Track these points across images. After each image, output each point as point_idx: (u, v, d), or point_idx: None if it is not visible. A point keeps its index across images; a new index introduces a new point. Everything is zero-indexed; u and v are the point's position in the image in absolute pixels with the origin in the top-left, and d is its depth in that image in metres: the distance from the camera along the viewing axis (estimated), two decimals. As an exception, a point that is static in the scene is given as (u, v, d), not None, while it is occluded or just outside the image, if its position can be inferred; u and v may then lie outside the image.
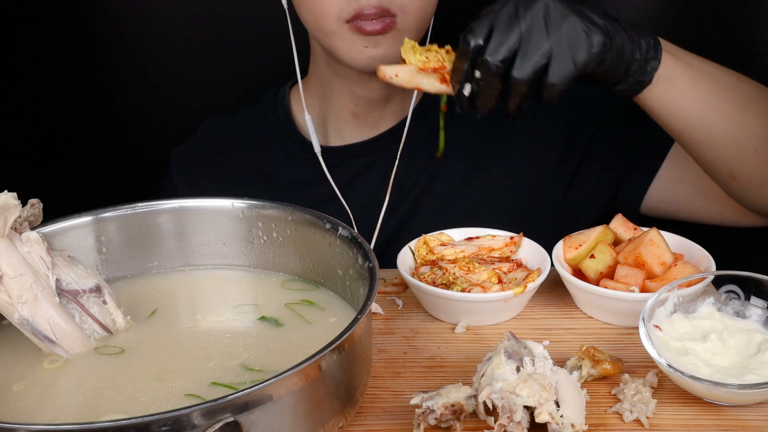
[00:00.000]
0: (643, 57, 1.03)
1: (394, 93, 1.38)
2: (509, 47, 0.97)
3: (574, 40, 0.97)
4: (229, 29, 1.72)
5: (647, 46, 1.03)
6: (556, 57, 0.97)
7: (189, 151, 1.52)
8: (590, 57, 0.98)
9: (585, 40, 0.97)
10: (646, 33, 1.04)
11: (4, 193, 0.90)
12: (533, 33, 0.97)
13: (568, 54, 0.97)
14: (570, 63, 0.97)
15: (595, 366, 0.92)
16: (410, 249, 1.13)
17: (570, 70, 0.97)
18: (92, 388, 0.87)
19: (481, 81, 0.99)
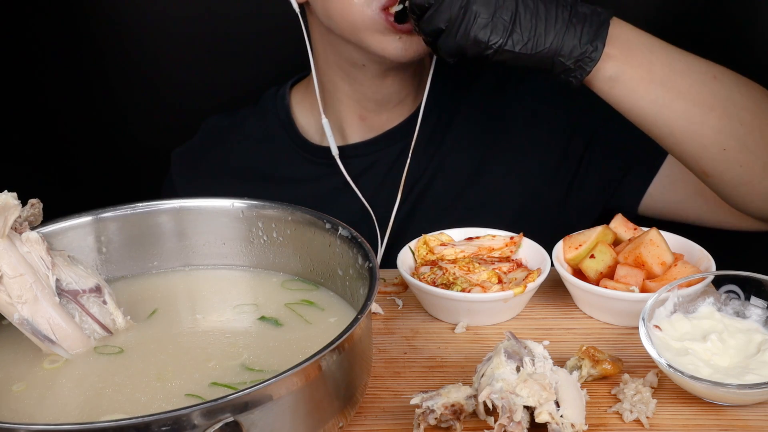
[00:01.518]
0: (577, 55, 1.04)
1: (404, 95, 1.37)
2: None
3: (463, 24, 1.02)
4: (229, 30, 1.73)
5: (584, 46, 1.03)
6: (447, 30, 1.03)
7: (189, 151, 1.52)
8: (469, 47, 1.03)
9: (470, 31, 1.02)
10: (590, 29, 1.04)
11: (4, 193, 0.90)
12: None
13: (454, 33, 1.03)
14: (452, 40, 1.03)
15: (595, 366, 0.92)
16: (410, 249, 1.13)
17: (450, 46, 1.04)
18: (92, 388, 0.87)
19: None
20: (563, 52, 1.04)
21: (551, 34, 1.03)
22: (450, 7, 1.02)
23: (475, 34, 1.02)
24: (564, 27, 1.03)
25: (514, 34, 1.03)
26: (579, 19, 1.04)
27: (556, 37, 1.03)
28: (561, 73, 1.06)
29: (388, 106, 1.38)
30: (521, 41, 1.03)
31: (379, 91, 1.35)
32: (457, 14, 1.02)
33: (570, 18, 1.04)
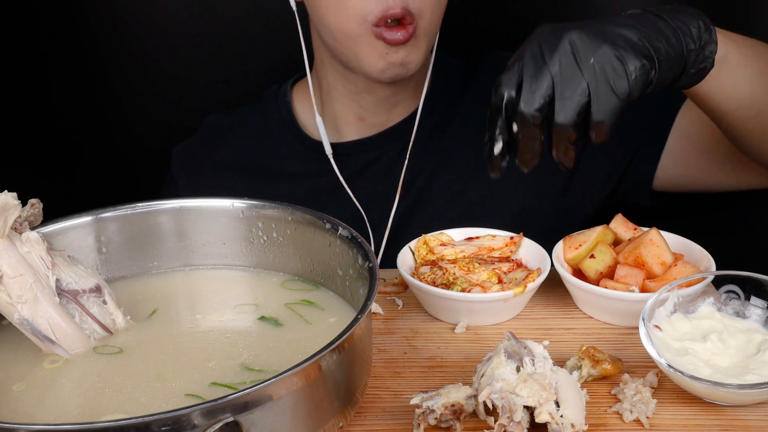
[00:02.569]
0: (698, 45, 0.96)
1: (402, 98, 1.38)
2: (542, 93, 0.90)
3: (610, 70, 0.90)
4: (231, 29, 1.72)
5: (698, 31, 0.97)
6: (596, 92, 0.90)
7: (190, 148, 1.52)
8: (632, 84, 0.91)
9: (621, 68, 0.90)
10: (693, 14, 0.98)
11: (4, 193, 0.90)
12: (565, 73, 0.90)
13: (607, 87, 0.90)
14: (612, 95, 0.90)
15: (595, 366, 0.92)
16: (410, 249, 1.13)
17: (614, 102, 0.90)
18: (92, 388, 0.87)
19: (520, 134, 0.92)
20: (689, 47, 0.96)
21: (673, 38, 0.95)
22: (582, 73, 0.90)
23: (631, 66, 0.91)
24: (676, 26, 0.96)
25: (654, 44, 0.93)
26: (681, 13, 0.98)
27: (678, 38, 0.95)
28: (690, 67, 0.97)
29: (386, 106, 1.38)
30: (664, 53, 0.94)
31: (375, 94, 1.36)
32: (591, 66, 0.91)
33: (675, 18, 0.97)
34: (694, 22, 0.96)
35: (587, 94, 0.90)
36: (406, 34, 1.21)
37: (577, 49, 0.91)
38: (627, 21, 0.95)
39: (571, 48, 0.91)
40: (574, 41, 0.91)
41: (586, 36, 0.91)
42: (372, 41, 1.23)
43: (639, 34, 0.93)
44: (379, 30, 1.21)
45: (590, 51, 0.90)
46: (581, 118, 0.91)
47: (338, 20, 1.24)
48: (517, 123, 0.93)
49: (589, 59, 0.90)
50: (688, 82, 0.99)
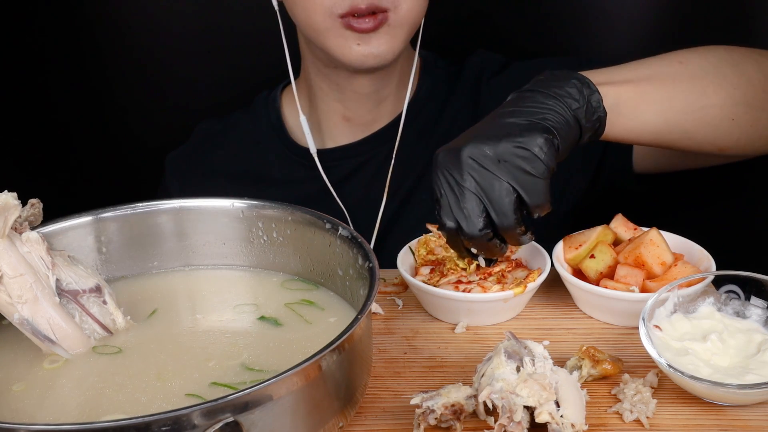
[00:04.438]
0: (582, 102, 0.99)
1: (385, 95, 1.38)
2: (477, 213, 0.95)
3: (520, 161, 0.94)
4: (230, 30, 1.72)
5: (576, 88, 0.99)
6: (521, 185, 0.94)
7: (182, 156, 1.53)
8: (545, 161, 0.94)
9: (528, 154, 0.94)
10: (566, 77, 1.00)
11: (4, 193, 0.90)
12: (483, 185, 0.94)
13: (526, 175, 0.94)
14: (534, 179, 0.94)
15: (595, 366, 0.92)
16: (410, 249, 1.13)
17: (540, 184, 0.94)
18: (92, 388, 0.87)
19: (481, 251, 0.99)
20: (571, 105, 0.99)
21: (554, 106, 0.98)
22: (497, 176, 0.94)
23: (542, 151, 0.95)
24: (552, 97, 0.99)
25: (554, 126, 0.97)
26: (557, 78, 1.01)
27: (558, 105, 0.99)
28: (588, 119, 1.00)
29: (369, 105, 1.38)
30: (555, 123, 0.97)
31: (355, 90, 1.36)
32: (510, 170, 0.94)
33: (553, 85, 1.00)
34: (569, 83, 1.00)
35: (513, 191, 0.94)
36: (375, 21, 1.22)
37: (480, 160, 0.94)
38: (511, 108, 0.98)
39: (475, 161, 0.95)
40: (474, 154, 0.95)
41: (482, 143, 0.95)
42: (341, 32, 1.23)
43: (525, 116, 0.97)
44: (346, 20, 1.22)
45: (493, 155, 0.94)
46: (520, 211, 0.96)
47: (306, 16, 1.25)
48: (474, 246, 0.99)
49: (496, 162, 0.94)
50: (591, 135, 1.02)
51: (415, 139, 1.38)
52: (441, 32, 1.43)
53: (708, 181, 1.38)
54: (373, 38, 1.23)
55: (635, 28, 1.57)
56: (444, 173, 0.97)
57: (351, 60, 1.25)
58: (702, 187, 1.44)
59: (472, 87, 1.42)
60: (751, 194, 1.46)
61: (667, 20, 1.56)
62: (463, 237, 0.97)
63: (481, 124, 0.99)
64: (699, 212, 1.50)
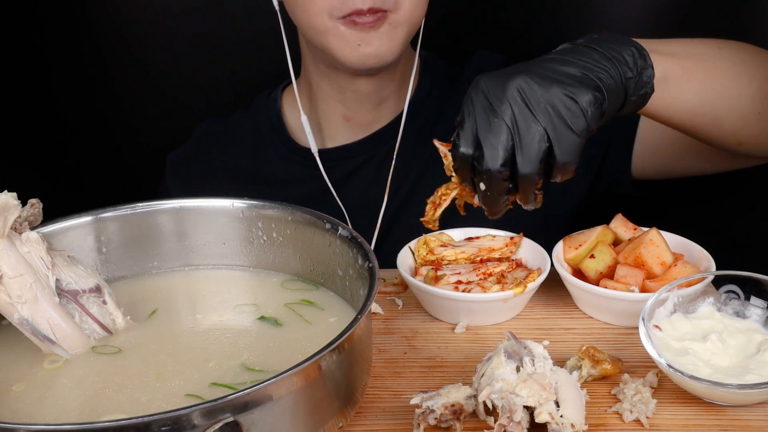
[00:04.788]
0: (635, 72, 0.96)
1: (386, 95, 1.38)
2: (504, 147, 0.89)
3: (565, 111, 0.89)
4: (231, 30, 1.73)
5: (633, 58, 0.96)
6: (556, 136, 0.89)
7: (183, 156, 1.53)
8: (589, 120, 0.90)
9: (575, 106, 0.89)
10: (624, 42, 0.97)
11: (4, 193, 0.90)
12: (520, 121, 0.89)
13: (566, 128, 0.89)
14: (572, 135, 0.89)
15: (595, 366, 0.92)
16: (410, 249, 1.13)
17: (575, 142, 0.89)
18: (92, 388, 0.87)
19: (488, 191, 0.92)
20: (626, 75, 0.95)
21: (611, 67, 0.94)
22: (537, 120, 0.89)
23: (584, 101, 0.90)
24: (611, 55, 0.95)
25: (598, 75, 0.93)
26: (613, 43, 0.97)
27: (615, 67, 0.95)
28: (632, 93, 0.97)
29: (369, 105, 1.38)
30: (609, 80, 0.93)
31: (356, 90, 1.36)
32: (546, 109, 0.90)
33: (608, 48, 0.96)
34: (627, 50, 0.96)
35: (547, 139, 0.89)
36: (375, 17, 1.21)
37: (526, 95, 0.89)
38: (565, 57, 0.93)
39: (520, 95, 0.89)
40: (522, 87, 0.90)
41: (532, 80, 0.90)
42: (342, 32, 1.23)
43: (581, 69, 0.92)
44: (347, 19, 1.21)
45: (540, 94, 0.89)
46: (545, 164, 0.90)
47: (306, 17, 1.25)
48: (484, 182, 0.92)
49: (540, 103, 0.89)
50: (632, 108, 0.99)
51: (415, 138, 1.38)
52: (441, 32, 1.43)
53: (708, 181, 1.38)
54: (374, 38, 1.23)
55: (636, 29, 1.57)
56: (482, 96, 0.91)
57: (351, 61, 1.25)
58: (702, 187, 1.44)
59: None
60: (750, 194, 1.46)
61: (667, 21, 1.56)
62: (478, 168, 0.91)
63: (535, 64, 0.93)
64: (699, 212, 1.50)
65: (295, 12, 1.28)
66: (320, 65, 1.35)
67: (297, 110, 1.42)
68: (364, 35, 1.23)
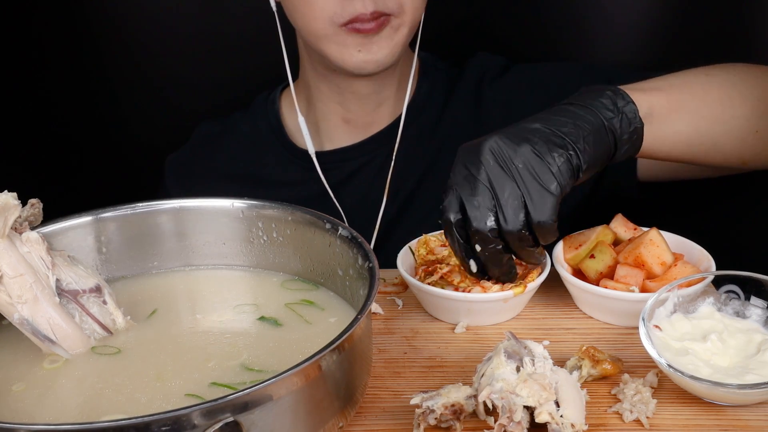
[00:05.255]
0: (616, 111, 0.98)
1: (385, 97, 1.38)
2: (488, 206, 0.93)
3: (535, 172, 0.92)
4: (231, 30, 1.73)
5: (611, 99, 0.99)
6: (527, 192, 0.92)
7: (182, 158, 1.53)
8: (559, 177, 0.93)
9: (546, 168, 0.92)
10: (599, 89, 1.00)
11: (4, 193, 0.90)
12: (494, 182, 0.92)
13: (537, 185, 0.92)
14: (544, 192, 0.92)
15: (595, 366, 0.92)
16: (410, 249, 1.13)
17: (548, 199, 0.92)
18: (92, 389, 0.87)
19: (486, 252, 0.96)
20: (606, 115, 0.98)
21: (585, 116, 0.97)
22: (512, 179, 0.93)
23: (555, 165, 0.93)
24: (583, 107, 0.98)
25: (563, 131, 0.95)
26: (590, 94, 1.00)
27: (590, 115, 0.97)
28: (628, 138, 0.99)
29: (368, 107, 1.38)
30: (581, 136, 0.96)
31: (355, 92, 1.36)
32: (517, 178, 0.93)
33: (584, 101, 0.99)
34: (602, 95, 0.99)
35: (521, 197, 0.92)
36: (377, 23, 1.21)
37: (498, 156, 0.93)
38: (539, 115, 0.97)
39: (493, 156, 0.93)
40: (493, 148, 0.93)
41: (502, 140, 0.94)
42: (342, 39, 1.23)
43: (549, 125, 0.95)
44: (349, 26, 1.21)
45: (510, 154, 0.93)
46: (527, 223, 0.93)
47: (306, 22, 1.25)
48: (478, 243, 0.95)
49: (512, 162, 0.92)
50: (629, 149, 1.00)
51: (414, 140, 1.38)
52: (441, 34, 1.43)
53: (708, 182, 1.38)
54: (374, 44, 1.23)
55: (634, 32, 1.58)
56: (461, 164, 0.95)
57: (350, 66, 1.25)
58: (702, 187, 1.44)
59: (474, 89, 1.41)
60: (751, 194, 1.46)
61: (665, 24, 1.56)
62: (472, 232, 0.94)
63: (510, 126, 0.98)
64: (699, 212, 1.50)
65: (295, 17, 1.28)
66: (318, 67, 1.35)
67: (295, 112, 1.42)
68: (364, 41, 1.23)
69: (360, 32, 1.21)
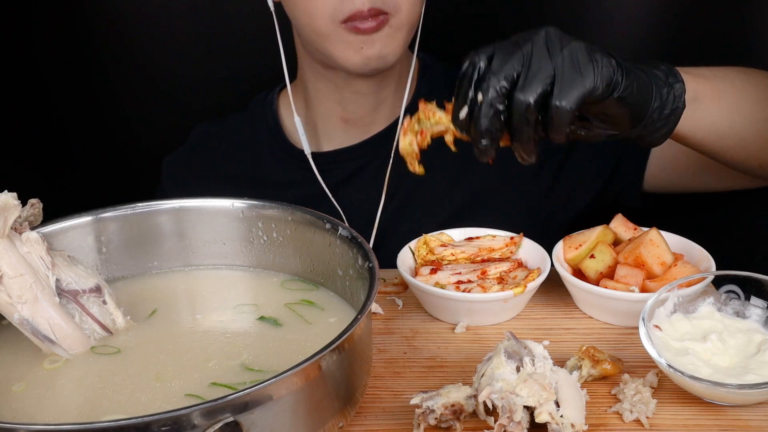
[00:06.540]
0: (665, 83, 0.97)
1: (384, 97, 1.38)
2: (513, 68, 0.90)
3: (578, 60, 0.90)
4: (231, 30, 1.73)
5: (664, 74, 0.98)
6: (561, 77, 0.89)
7: (179, 159, 1.53)
8: (597, 73, 0.90)
9: (589, 61, 0.90)
10: (655, 62, 0.99)
11: (4, 193, 0.90)
12: (535, 56, 0.90)
13: (574, 74, 0.89)
14: (577, 83, 0.89)
15: (595, 366, 0.92)
16: (410, 249, 1.13)
17: (578, 90, 0.89)
18: (92, 388, 0.87)
19: (482, 105, 0.91)
20: (657, 81, 0.97)
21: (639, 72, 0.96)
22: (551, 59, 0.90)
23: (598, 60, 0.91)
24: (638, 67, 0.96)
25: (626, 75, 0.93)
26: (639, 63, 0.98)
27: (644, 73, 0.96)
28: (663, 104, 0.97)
29: (367, 106, 1.38)
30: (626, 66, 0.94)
31: (355, 90, 1.36)
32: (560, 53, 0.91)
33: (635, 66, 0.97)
34: (657, 66, 0.98)
35: (552, 78, 0.89)
36: (377, 21, 1.22)
37: (550, 39, 0.92)
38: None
39: (545, 39, 0.92)
40: (549, 34, 0.92)
41: (560, 32, 0.93)
42: (345, 36, 1.23)
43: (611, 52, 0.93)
44: (349, 24, 1.21)
45: (563, 42, 0.91)
46: (542, 101, 0.90)
47: (309, 20, 1.25)
48: (482, 92, 0.91)
49: (559, 48, 0.91)
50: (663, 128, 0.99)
51: None
52: (441, 34, 1.43)
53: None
54: (376, 40, 1.23)
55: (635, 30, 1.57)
56: (513, 39, 0.94)
57: (354, 65, 1.25)
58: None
59: None
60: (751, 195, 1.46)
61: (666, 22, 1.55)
62: (481, 78, 0.92)
63: None
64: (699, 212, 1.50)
65: (297, 16, 1.28)
66: (317, 65, 1.35)
67: (292, 112, 1.42)
68: (366, 39, 1.23)
69: (360, 31, 1.22)
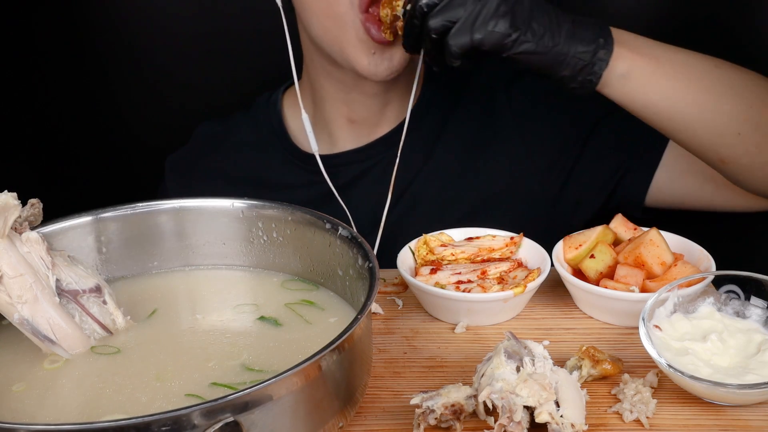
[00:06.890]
0: (588, 59, 1.06)
1: (391, 98, 1.38)
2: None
3: (481, 15, 1.02)
4: (231, 30, 1.73)
5: (593, 48, 1.05)
6: (463, 23, 1.02)
7: (182, 158, 1.52)
8: (487, 36, 1.02)
9: (490, 21, 1.02)
10: (596, 33, 1.06)
11: (4, 193, 0.90)
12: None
13: (471, 24, 1.02)
14: (467, 34, 1.02)
15: (595, 366, 0.92)
16: (410, 249, 1.13)
17: (464, 39, 1.02)
18: (92, 388, 0.87)
19: (405, 15, 1.07)
20: (576, 52, 1.05)
21: (563, 33, 1.05)
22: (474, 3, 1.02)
23: (495, 23, 1.02)
24: (572, 29, 1.05)
25: (533, 24, 1.03)
26: (583, 24, 1.06)
27: (567, 37, 1.05)
28: (576, 74, 1.07)
29: (374, 107, 1.38)
30: (539, 34, 1.04)
31: (362, 90, 1.35)
32: (474, 4, 1.02)
33: (574, 23, 1.06)
34: (595, 29, 1.07)
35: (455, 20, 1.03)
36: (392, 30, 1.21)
37: None
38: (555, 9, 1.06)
39: None
40: None
41: None
42: (360, 34, 1.22)
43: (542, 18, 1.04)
44: (367, 25, 1.21)
45: None
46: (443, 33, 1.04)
47: (327, 5, 1.23)
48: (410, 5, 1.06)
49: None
50: (579, 88, 1.09)
51: (419, 144, 1.38)
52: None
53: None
54: (386, 49, 1.23)
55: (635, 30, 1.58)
56: None
57: (364, 67, 1.24)
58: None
59: (486, 96, 1.41)
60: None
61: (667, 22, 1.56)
62: None
63: None
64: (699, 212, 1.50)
65: (312, 3, 1.26)
66: (325, 63, 1.34)
67: (298, 114, 1.41)
68: (378, 44, 1.23)
69: (373, 39, 1.21)
